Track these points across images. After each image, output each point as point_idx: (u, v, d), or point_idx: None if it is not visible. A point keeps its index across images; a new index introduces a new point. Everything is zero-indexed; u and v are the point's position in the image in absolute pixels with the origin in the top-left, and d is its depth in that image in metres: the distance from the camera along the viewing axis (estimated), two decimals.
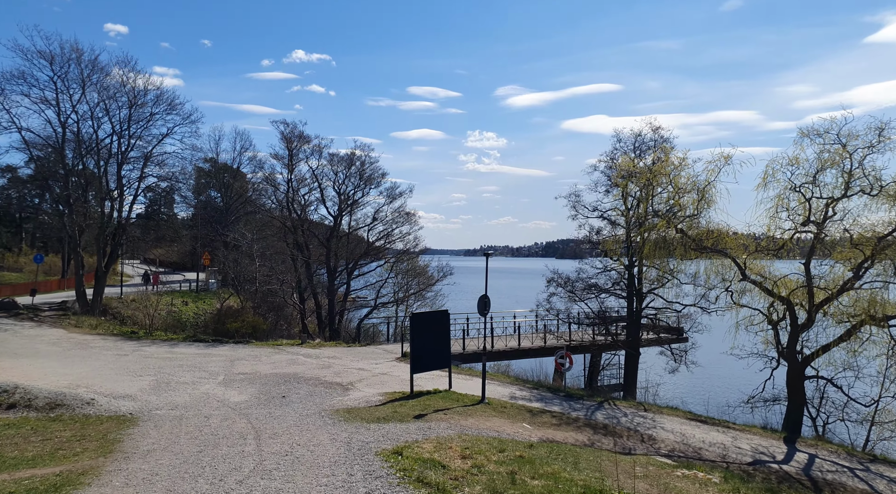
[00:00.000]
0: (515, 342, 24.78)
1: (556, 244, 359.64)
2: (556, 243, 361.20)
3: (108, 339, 23.07)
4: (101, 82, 28.39)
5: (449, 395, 15.10)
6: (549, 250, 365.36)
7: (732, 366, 22.73)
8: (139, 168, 31.30)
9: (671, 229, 16.20)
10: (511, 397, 16.54)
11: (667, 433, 14.72)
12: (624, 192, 21.57)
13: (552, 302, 24.10)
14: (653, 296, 22.20)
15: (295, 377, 16.87)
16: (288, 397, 14.24)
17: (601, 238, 23.41)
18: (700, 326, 22.97)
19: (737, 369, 22.39)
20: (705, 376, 23.72)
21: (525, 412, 14.57)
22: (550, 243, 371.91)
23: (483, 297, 14.95)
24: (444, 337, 15.62)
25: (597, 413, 15.89)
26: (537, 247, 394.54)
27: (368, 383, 16.56)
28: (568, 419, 14.77)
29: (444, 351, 15.60)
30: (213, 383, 15.69)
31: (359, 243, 34.64)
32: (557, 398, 17.06)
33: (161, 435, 10.09)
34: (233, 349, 22.13)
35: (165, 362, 18.62)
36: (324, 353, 21.84)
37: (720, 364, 23.42)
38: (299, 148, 32.55)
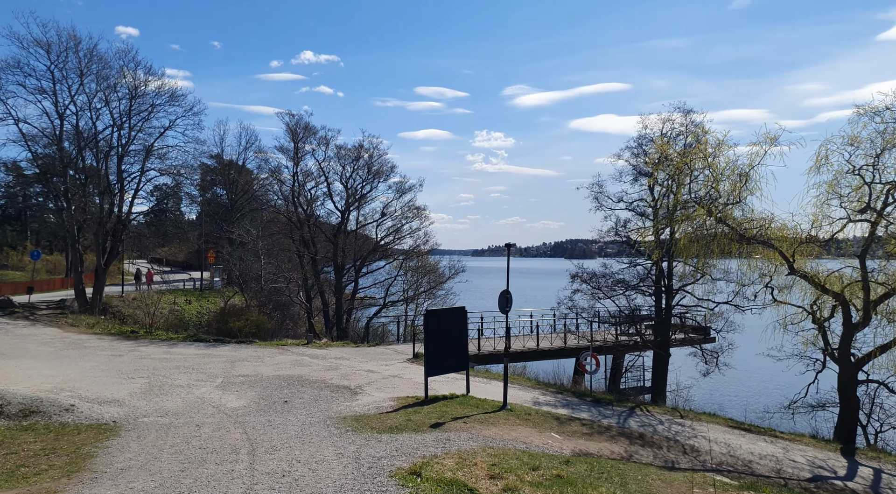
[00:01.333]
0: (533, 343, 23.36)
1: (564, 244, 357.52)
2: (565, 243, 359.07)
3: (104, 338, 21.89)
4: (100, 72, 27.28)
5: (467, 400, 13.72)
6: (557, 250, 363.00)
7: (770, 368, 21.19)
8: (140, 162, 30.18)
9: (711, 218, 14.69)
10: (534, 402, 15.14)
11: (710, 443, 13.24)
12: (652, 181, 20.11)
13: (574, 300, 22.61)
14: (683, 293, 20.69)
15: (299, 379, 15.56)
16: (290, 402, 12.92)
17: (627, 231, 21.90)
18: (731, 325, 21.40)
19: (774, 371, 20.86)
20: (739, 379, 22.17)
21: (552, 420, 13.16)
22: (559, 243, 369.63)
23: (504, 292, 13.56)
24: (461, 336, 14.23)
25: (629, 421, 14.45)
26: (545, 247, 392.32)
27: (378, 386, 15.22)
28: (599, 427, 13.34)
29: (461, 352, 14.21)
30: (211, 386, 14.41)
31: (367, 240, 33.33)
32: (585, 404, 15.63)
33: (142, 448, 8.78)
34: (234, 349, 20.87)
35: (162, 363, 17.38)
36: (330, 353, 20.54)
37: (755, 366, 21.87)
38: (305, 140, 31.31)
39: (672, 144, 21.04)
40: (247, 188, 46.71)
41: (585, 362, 17.10)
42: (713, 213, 14.58)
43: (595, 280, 22.02)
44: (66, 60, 26.60)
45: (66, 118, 27.46)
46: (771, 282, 17.54)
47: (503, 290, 13.60)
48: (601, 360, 25.95)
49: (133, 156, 30.32)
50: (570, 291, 22.74)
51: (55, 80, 26.55)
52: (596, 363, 16.99)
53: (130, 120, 29.38)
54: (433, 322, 13.51)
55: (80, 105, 27.79)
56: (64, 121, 27.33)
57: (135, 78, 28.76)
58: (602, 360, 26.22)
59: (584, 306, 22.96)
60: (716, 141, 14.82)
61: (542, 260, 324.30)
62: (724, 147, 14.80)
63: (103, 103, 27.98)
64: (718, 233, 14.84)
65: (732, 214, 14.90)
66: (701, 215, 15.33)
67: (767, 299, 19.75)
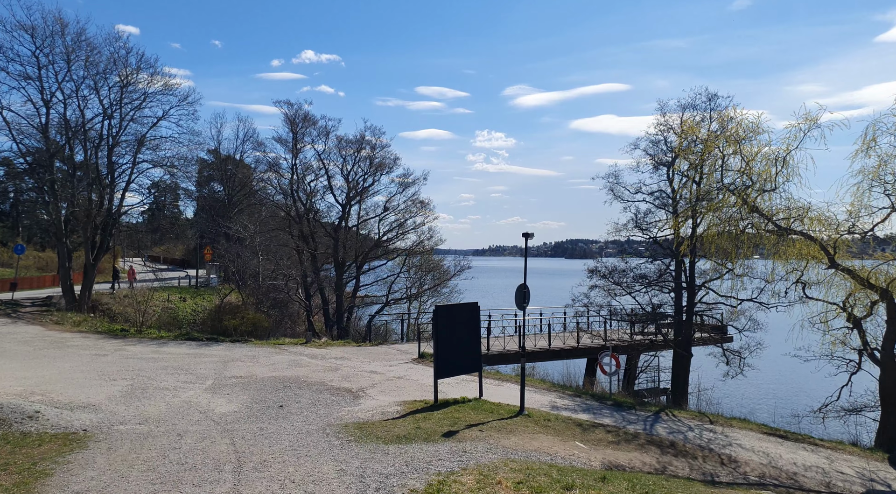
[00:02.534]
0: (545, 342, 22.13)
1: (565, 244, 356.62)
2: (566, 243, 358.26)
3: (89, 337, 20.67)
4: (88, 58, 26.01)
5: (480, 405, 12.50)
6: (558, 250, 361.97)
7: (795, 370, 20.00)
8: (132, 153, 28.94)
9: (743, 206, 13.46)
10: (552, 406, 13.92)
11: (747, 452, 12.03)
12: (672, 171, 18.90)
13: (591, 297, 21.34)
14: (704, 290, 19.46)
15: (296, 381, 14.35)
16: (286, 406, 11.71)
17: (648, 223, 20.61)
18: (755, 324, 20.14)
19: (801, 373, 19.64)
20: (762, 380, 20.95)
21: (574, 427, 11.95)
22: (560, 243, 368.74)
23: (521, 287, 12.34)
24: (474, 335, 13.01)
25: (656, 427, 13.23)
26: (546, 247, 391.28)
27: (382, 389, 14.00)
28: (626, 435, 12.12)
29: (474, 352, 13.00)
30: (199, 388, 13.20)
31: (368, 238, 32.07)
32: (606, 408, 14.41)
33: (109, 464, 7.56)
34: (228, 348, 19.66)
35: (148, 363, 16.16)
36: (330, 353, 19.33)
37: (779, 367, 20.63)
38: (305, 131, 30.04)
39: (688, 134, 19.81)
40: (245, 183, 45.41)
41: (604, 362, 15.89)
42: (747, 201, 13.33)
43: (614, 275, 20.77)
44: (52, 45, 25.37)
45: (53, 106, 26.21)
46: (802, 277, 16.32)
47: (520, 284, 12.38)
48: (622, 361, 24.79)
49: (124, 147, 29.11)
50: (587, 287, 21.50)
51: (40, 65, 25.31)
52: (616, 363, 15.79)
53: (122, 109, 28.15)
54: (443, 319, 12.30)
55: (67, 93, 26.56)
56: (50, 109, 26.08)
57: (125, 65, 27.51)
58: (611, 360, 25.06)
59: (601, 304, 21.71)
60: (749, 123, 13.59)
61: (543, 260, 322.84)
62: (758, 130, 13.57)
63: (92, 91, 26.75)
64: (755, 222, 13.60)
65: (767, 202, 13.67)
66: (730, 203, 14.08)
67: (794, 296, 18.56)
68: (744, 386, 21.32)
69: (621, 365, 16.71)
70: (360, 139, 29.66)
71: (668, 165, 20.37)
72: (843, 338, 17.46)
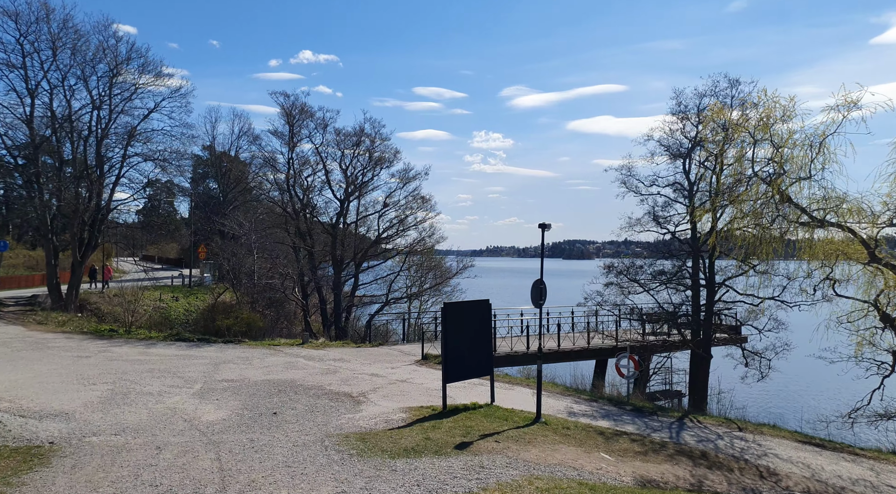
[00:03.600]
0: (552, 343, 21.08)
1: (562, 245, 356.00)
2: (563, 243, 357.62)
3: (73, 338, 19.56)
4: (75, 46, 24.89)
5: (492, 411, 11.46)
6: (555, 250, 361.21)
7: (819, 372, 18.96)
8: (122, 146, 27.82)
9: (775, 196, 12.43)
10: (569, 412, 12.88)
11: (785, 463, 11.00)
12: (687, 161, 17.89)
13: (605, 295, 20.26)
14: (724, 288, 18.44)
15: (292, 385, 13.29)
16: (281, 413, 10.65)
17: (667, 216, 19.56)
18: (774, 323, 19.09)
19: (826, 375, 18.62)
20: (783, 383, 19.89)
21: (596, 436, 10.91)
22: (557, 243, 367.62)
23: (538, 282, 11.29)
24: (485, 335, 11.98)
25: (682, 434, 12.20)
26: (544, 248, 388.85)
27: (385, 393, 12.95)
28: (652, 443, 11.08)
29: (485, 353, 11.96)
30: (186, 393, 12.12)
31: (368, 232, 30.97)
32: (626, 414, 13.37)
33: (71, 486, 6.49)
34: (220, 349, 18.58)
35: (133, 365, 15.07)
36: (328, 355, 18.26)
37: (800, 369, 19.60)
38: (302, 123, 28.90)
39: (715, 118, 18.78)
40: (240, 179, 44.22)
41: (621, 365, 14.85)
42: (780, 191, 12.28)
43: (631, 272, 19.69)
44: (37, 32, 24.24)
45: (38, 96, 25.09)
46: (832, 273, 15.28)
47: (536, 280, 11.33)
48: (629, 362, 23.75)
49: (114, 140, 27.99)
50: (602, 284, 20.42)
51: (24, 53, 24.18)
52: (635, 365, 14.75)
53: (111, 101, 27.03)
54: (453, 318, 11.25)
55: (53, 82, 25.42)
56: (35, 99, 24.95)
57: (115, 55, 26.40)
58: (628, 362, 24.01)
59: (616, 302, 20.63)
60: (781, 106, 12.54)
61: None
62: (790, 113, 12.52)
63: (79, 81, 25.62)
64: (786, 214, 12.56)
65: (801, 192, 12.62)
66: (758, 193, 13.03)
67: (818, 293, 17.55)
68: (763, 389, 20.34)
69: (639, 367, 15.68)
70: (360, 132, 28.58)
71: (685, 156, 19.36)
72: (870, 338, 16.48)
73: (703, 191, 19.28)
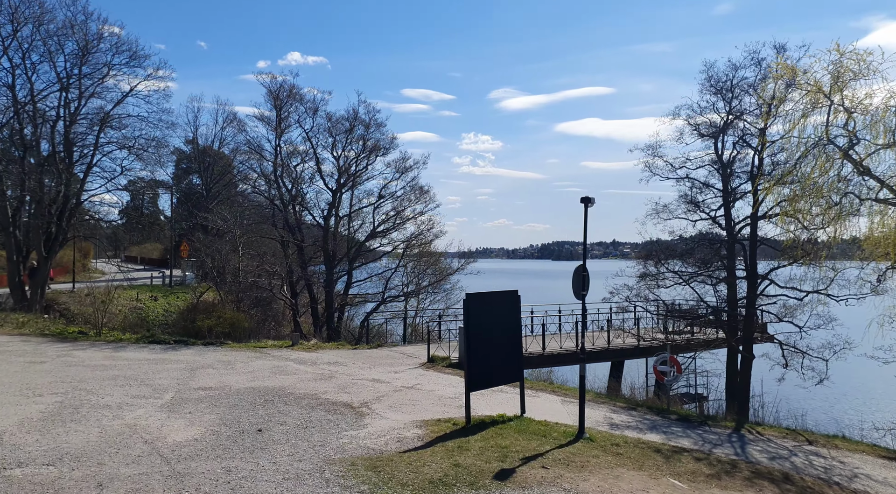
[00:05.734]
0: (571, 343, 19.13)
1: (551, 246, 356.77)
2: (552, 244, 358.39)
3: (30, 341, 17.31)
4: (38, 19, 22.59)
5: (525, 425, 9.49)
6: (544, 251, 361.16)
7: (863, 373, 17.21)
8: (94, 133, 25.51)
9: (848, 167, 10.61)
10: (610, 424, 10.95)
11: (883, 486, 9.13)
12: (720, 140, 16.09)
13: (636, 289, 18.31)
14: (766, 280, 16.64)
15: (281, 393, 11.23)
16: (267, 430, 8.61)
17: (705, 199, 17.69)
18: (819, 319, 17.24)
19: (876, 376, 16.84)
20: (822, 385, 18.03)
21: (653, 454, 8.97)
22: (546, 244, 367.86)
23: (580, 269, 9.32)
24: (514, 333, 10.02)
25: (748, 450, 10.30)
26: (532, 249, 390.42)
27: (391, 402, 10.93)
28: (721, 463, 9.17)
29: (514, 355, 9.99)
30: (153, 406, 10.02)
31: (363, 225, 28.83)
32: (675, 425, 11.47)
33: None
34: (199, 352, 16.45)
35: (95, 372, 12.92)
36: (322, 357, 16.20)
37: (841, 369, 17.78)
38: (290, 107, 26.75)
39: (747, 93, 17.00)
40: (225, 172, 41.82)
41: (662, 367, 12.94)
42: (858, 162, 10.44)
43: (672, 260, 17.76)
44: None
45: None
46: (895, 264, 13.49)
47: (578, 266, 9.37)
48: (647, 363, 21.90)
49: (85, 126, 25.68)
50: (636, 275, 18.51)
51: None
52: (677, 368, 12.84)
53: (81, 82, 24.74)
54: (477, 312, 9.26)
55: (15, 61, 23.11)
56: None
57: (85, 32, 24.14)
58: (645, 363, 22.16)
59: (648, 297, 18.72)
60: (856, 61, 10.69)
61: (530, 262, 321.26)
62: (865, 71, 10.69)
63: (44, 59, 23.32)
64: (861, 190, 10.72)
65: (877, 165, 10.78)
66: (823, 164, 11.16)
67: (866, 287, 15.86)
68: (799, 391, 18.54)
69: (682, 370, 13.79)
70: (353, 116, 26.46)
71: (716, 135, 17.55)
72: None
73: (739, 172, 17.52)
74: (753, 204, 15.93)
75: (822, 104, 10.40)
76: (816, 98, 10.36)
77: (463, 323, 9.42)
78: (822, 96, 10.33)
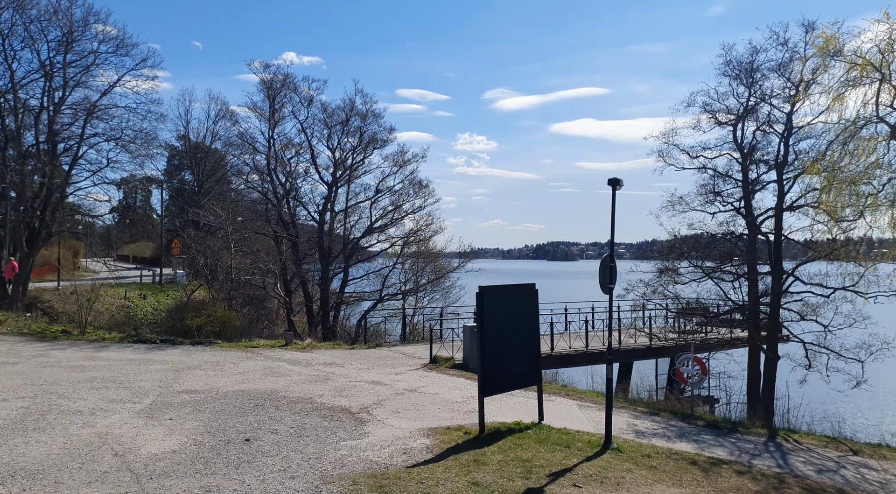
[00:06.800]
0: (581, 343, 18.16)
1: (546, 247, 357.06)
2: (547, 245, 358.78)
3: (6, 340, 16.24)
4: (18, 3, 21.45)
5: (545, 434, 8.52)
6: (539, 252, 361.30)
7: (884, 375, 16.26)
8: (80, 124, 24.40)
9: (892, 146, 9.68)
10: (634, 431, 9.98)
11: None
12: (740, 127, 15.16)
13: (654, 285, 17.33)
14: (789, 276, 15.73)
15: (272, 397, 10.23)
16: (256, 440, 7.63)
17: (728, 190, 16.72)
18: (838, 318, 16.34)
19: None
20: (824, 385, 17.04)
21: (689, 467, 8.01)
22: (541, 245, 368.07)
23: (608, 260, 8.35)
24: (531, 331, 9.05)
25: (791, 461, 9.35)
26: (527, 249, 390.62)
27: (394, 407, 9.93)
28: (764, 477, 8.21)
29: (532, 356, 9.03)
30: (130, 411, 9.01)
31: (360, 220, 27.74)
32: (704, 432, 10.52)
33: None
34: (186, 352, 15.42)
35: (71, 373, 11.88)
36: (317, 358, 15.20)
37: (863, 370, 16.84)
38: (284, 98, 25.65)
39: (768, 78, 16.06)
40: (217, 167, 40.63)
41: (685, 368, 11.98)
42: None
43: (696, 251, 16.77)
44: None
45: None
46: None
47: (605, 256, 8.40)
48: (657, 364, 20.97)
49: (70, 117, 24.56)
50: (657, 269, 17.55)
51: None
52: (702, 369, 11.89)
53: (65, 71, 23.64)
54: (492, 307, 8.28)
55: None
56: None
57: (69, 18, 23.04)
58: (654, 363, 21.25)
59: (667, 293, 17.74)
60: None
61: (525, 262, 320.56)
62: None
63: (26, 44, 22.21)
64: None
65: None
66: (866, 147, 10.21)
67: None
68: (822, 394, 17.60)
69: (707, 371, 12.84)
70: (349, 107, 25.39)
71: (735, 122, 16.63)
72: None
73: (760, 162, 16.59)
74: (778, 194, 15.06)
75: (871, 79, 9.47)
76: (864, 72, 9.43)
77: (476, 320, 8.45)
78: (872, 69, 9.39)
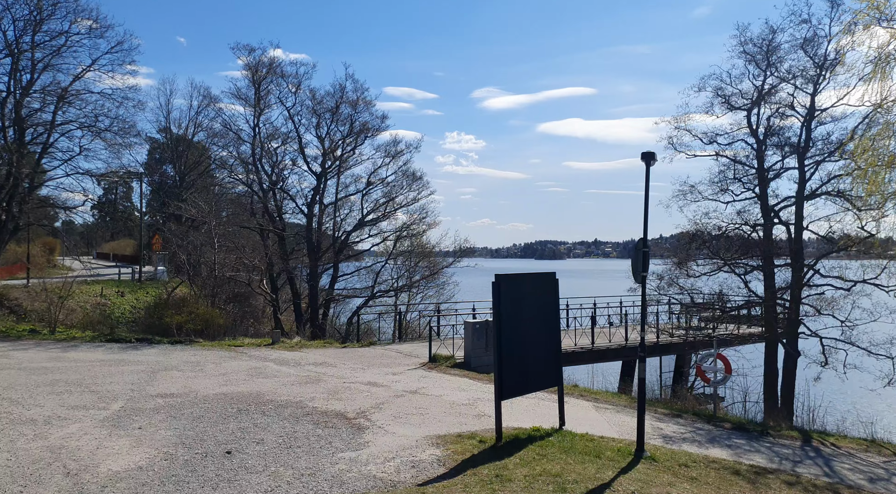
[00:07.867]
0: (587, 340, 17.23)
1: (534, 246, 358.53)
2: (535, 244, 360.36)
3: None
4: None
5: (568, 441, 7.52)
6: (527, 251, 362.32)
7: None
8: (50, 110, 22.96)
9: None
10: (661, 435, 9.04)
11: None
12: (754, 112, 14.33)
13: (674, 275, 16.44)
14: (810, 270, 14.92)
15: (258, 401, 9.14)
16: (239, 452, 6.56)
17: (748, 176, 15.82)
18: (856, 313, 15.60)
19: None
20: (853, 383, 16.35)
21: (731, 477, 7.07)
22: (529, 244, 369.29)
23: (640, 245, 7.38)
24: (552, 325, 8.04)
25: (835, 467, 8.47)
26: (516, 248, 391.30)
27: (395, 412, 8.88)
28: (816, 488, 7.32)
29: (552, 354, 8.03)
30: (93, 419, 7.87)
31: (350, 213, 26.59)
32: (737, 437, 9.61)
33: None
34: (164, 352, 14.23)
35: (31, 376, 10.68)
36: (307, 357, 14.09)
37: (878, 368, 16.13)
38: (271, 84, 24.40)
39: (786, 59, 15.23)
40: (201, 159, 39.12)
41: (707, 366, 11.07)
42: None
43: (718, 241, 15.83)
44: None
45: None
46: None
47: (638, 240, 7.43)
48: (661, 362, 20.12)
49: (39, 102, 23.10)
50: (673, 261, 16.65)
51: None
52: (726, 367, 10.99)
53: (34, 52, 22.21)
54: (509, 298, 7.26)
55: None
56: None
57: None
58: (659, 361, 20.39)
59: (683, 287, 16.85)
60: None
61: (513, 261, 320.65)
62: None
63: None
64: None
65: None
66: None
67: None
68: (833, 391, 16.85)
69: (731, 370, 11.95)
70: (339, 92, 24.18)
71: (750, 107, 15.78)
72: None
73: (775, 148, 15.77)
74: (799, 181, 14.25)
75: None
76: None
77: (492, 313, 7.43)
78: None
